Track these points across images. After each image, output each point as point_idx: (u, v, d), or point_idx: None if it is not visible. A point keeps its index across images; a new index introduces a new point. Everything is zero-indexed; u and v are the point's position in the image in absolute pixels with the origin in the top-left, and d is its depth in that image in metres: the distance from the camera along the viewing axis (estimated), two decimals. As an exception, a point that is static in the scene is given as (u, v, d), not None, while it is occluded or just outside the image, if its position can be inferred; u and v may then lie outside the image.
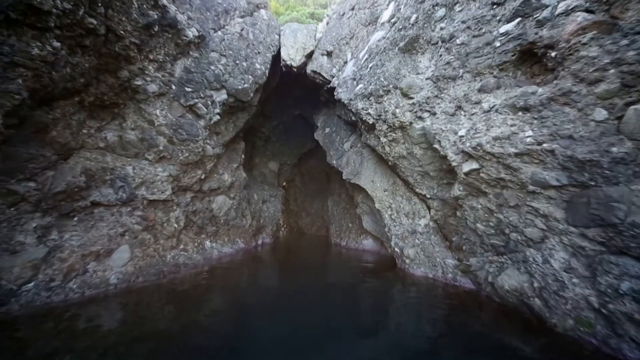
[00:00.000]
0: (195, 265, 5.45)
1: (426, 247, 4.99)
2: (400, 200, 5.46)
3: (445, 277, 4.49)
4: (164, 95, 5.08)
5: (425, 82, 4.04)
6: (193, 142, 5.44)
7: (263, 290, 4.55)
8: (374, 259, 6.56)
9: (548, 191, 2.76)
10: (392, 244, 5.46)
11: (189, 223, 6.03)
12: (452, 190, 4.20)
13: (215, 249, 6.47)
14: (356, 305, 3.95)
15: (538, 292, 2.95)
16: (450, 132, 3.78)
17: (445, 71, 3.73)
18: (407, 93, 4.16)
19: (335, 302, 3.98)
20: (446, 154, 3.92)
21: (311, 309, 3.65)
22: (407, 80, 4.12)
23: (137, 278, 4.33)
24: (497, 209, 3.45)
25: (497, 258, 3.62)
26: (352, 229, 8.04)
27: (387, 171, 5.78)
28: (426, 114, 4.11)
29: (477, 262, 3.97)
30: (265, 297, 4.15)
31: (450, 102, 3.74)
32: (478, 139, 3.22)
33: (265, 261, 6.67)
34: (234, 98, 6.07)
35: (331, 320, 3.29)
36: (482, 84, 3.30)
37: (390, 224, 5.54)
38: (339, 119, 7.32)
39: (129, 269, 4.27)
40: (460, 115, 3.64)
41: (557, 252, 2.81)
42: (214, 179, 6.53)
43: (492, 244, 3.75)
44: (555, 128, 2.60)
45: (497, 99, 3.15)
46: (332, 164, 7.16)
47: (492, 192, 3.42)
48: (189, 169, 5.64)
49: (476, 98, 3.38)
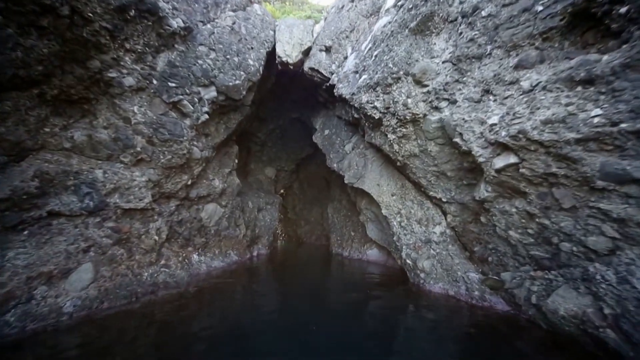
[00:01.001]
0: (178, 284, 4.58)
1: (443, 258, 4.19)
2: (410, 206, 4.69)
3: (470, 294, 3.68)
4: (143, 90, 4.34)
5: (442, 66, 3.35)
6: (177, 143, 4.68)
7: (256, 313, 3.69)
8: (380, 272, 5.72)
9: (627, 187, 2.02)
10: (402, 255, 4.65)
11: (173, 235, 5.19)
12: (476, 192, 3.45)
13: (203, 264, 5.60)
14: (365, 330, 3.11)
15: (612, 322, 2.17)
16: (475, 122, 3.07)
17: (468, 50, 3.04)
18: (421, 80, 3.46)
19: (341, 327, 3.16)
20: (470, 148, 3.19)
21: (313, 338, 2.82)
22: (421, 64, 3.43)
23: (102, 303, 3.47)
24: (541, 212, 2.69)
25: (541, 274, 2.83)
26: (355, 237, 7.23)
27: (395, 173, 5.03)
28: (444, 103, 3.40)
29: (512, 278, 3.17)
30: (259, 322, 3.30)
31: (476, 87, 3.03)
32: (519, 126, 2.50)
33: (260, 276, 5.80)
34: (224, 96, 5.35)
35: (337, 355, 2.47)
36: (519, 59, 2.60)
37: (400, 232, 4.75)
38: (339, 120, 6.62)
39: (91, 292, 3.42)
40: (489, 101, 2.92)
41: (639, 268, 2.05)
42: (203, 185, 5.74)
43: (532, 255, 2.97)
44: (637, 102, 1.89)
45: (542, 75, 2.44)
46: (332, 167, 6.41)
47: (536, 192, 2.67)
48: (172, 174, 4.85)
49: (511, 77, 2.67)
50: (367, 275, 5.54)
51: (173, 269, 4.78)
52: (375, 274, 5.55)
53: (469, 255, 4.18)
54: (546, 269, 2.80)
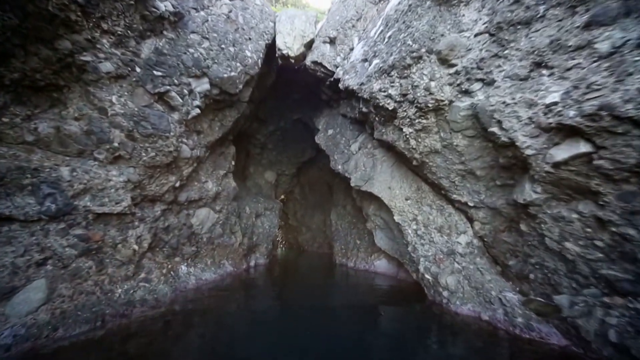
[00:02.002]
0: (159, 302, 3.81)
1: (471, 273, 3.42)
2: (428, 211, 3.95)
3: (511, 321, 2.89)
4: (124, 78, 3.69)
5: (474, 40, 2.68)
6: (162, 139, 4.00)
7: (251, 341, 2.93)
8: (391, 286, 4.93)
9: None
10: (420, 268, 3.88)
11: (158, 243, 4.45)
12: (517, 194, 2.72)
13: (192, 276, 4.84)
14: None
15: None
16: (521, 105, 2.37)
17: (512, 15, 2.37)
18: (447, 58, 2.79)
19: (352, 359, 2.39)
20: (512, 139, 2.49)
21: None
22: (448, 39, 2.75)
23: (54, 331, 2.71)
24: (621, 219, 1.97)
25: (622, 301, 2.08)
26: (361, 246, 6.45)
27: (409, 174, 4.31)
28: (476, 85, 2.71)
29: (572, 304, 2.41)
30: (254, 355, 2.53)
31: (522, 60, 2.34)
32: (599, 100, 1.80)
33: (257, 290, 5.02)
34: (218, 89, 4.70)
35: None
36: (591, 14, 1.93)
37: (416, 241, 4.00)
38: (344, 119, 5.95)
39: (40, 317, 2.67)
40: (542, 76, 2.23)
41: None
42: (194, 188, 5.03)
43: (601, 275, 2.22)
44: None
45: (629, 32, 1.77)
46: (336, 170, 5.70)
47: (616, 192, 1.95)
48: (157, 174, 4.16)
49: (579, 40, 1.99)
50: (376, 290, 4.75)
51: (154, 284, 4.02)
52: (385, 289, 4.77)
53: (501, 271, 3.42)
54: (628, 295, 2.05)
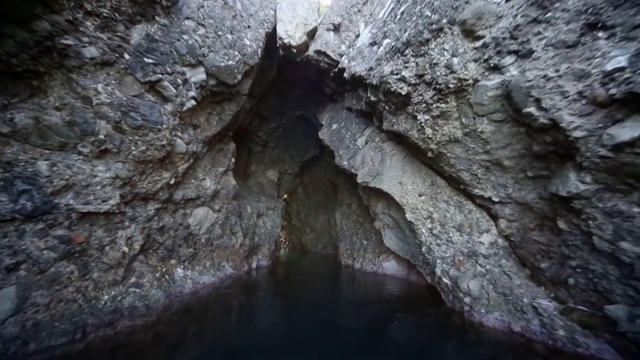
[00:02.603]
0: (150, 309, 3.42)
1: (497, 277, 2.99)
2: (445, 208, 3.52)
3: (550, 334, 2.45)
4: (111, 66, 3.33)
5: (505, 6, 2.26)
6: (153, 132, 3.63)
7: (251, 352, 2.52)
8: (401, 289, 4.50)
9: None
10: (436, 271, 3.45)
11: (152, 245, 4.08)
12: (560, 186, 2.29)
13: (189, 279, 4.46)
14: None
15: None
16: (568, 78, 1.95)
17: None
18: (474, 28, 2.38)
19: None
20: (555, 119, 2.06)
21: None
22: (474, 6, 2.34)
23: (25, 346, 2.33)
24: None
25: None
26: (368, 247, 6.02)
27: (422, 168, 3.89)
28: (509, 59, 2.30)
29: (631, 316, 1.98)
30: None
31: (571, 22, 1.93)
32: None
33: (258, 293, 4.62)
34: (215, 80, 4.33)
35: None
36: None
37: (431, 242, 3.57)
38: (349, 112, 5.55)
39: (8, 330, 2.29)
40: (597, 39, 1.81)
41: None
42: (191, 185, 4.66)
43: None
44: None
45: None
46: (342, 166, 5.29)
47: None
48: (149, 170, 3.79)
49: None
50: (386, 294, 4.33)
51: (146, 289, 3.64)
52: (396, 293, 4.34)
53: (530, 274, 2.97)
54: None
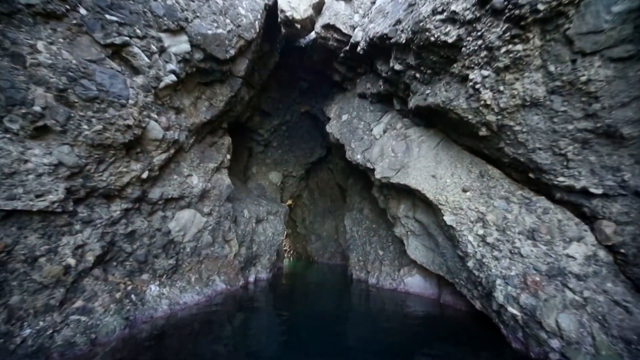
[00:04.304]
0: (97, 345, 2.36)
1: (605, 311, 1.88)
2: (504, 207, 2.46)
3: None
4: (59, 20, 2.46)
5: None
6: (114, 107, 2.70)
7: None
8: (432, 314, 3.35)
9: None
10: (497, 295, 2.34)
11: (116, 255, 3.08)
12: None
13: (165, 299, 3.41)
14: None
15: None
16: None
17: None
18: None
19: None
20: None
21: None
22: None
23: None
24: None
25: None
26: (385, 258, 4.90)
27: (465, 156, 2.86)
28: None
29: None
30: None
31: None
32: None
33: (253, 315, 3.50)
34: (202, 52, 3.45)
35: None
36: None
37: (484, 253, 2.49)
38: (362, 100, 4.60)
39: None
40: None
41: None
42: (173, 182, 3.69)
43: None
44: None
45: None
46: (354, 161, 4.29)
47: None
48: (110, 158, 2.83)
49: None
50: (412, 320, 3.18)
51: (97, 316, 2.60)
52: (425, 319, 3.19)
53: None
54: None
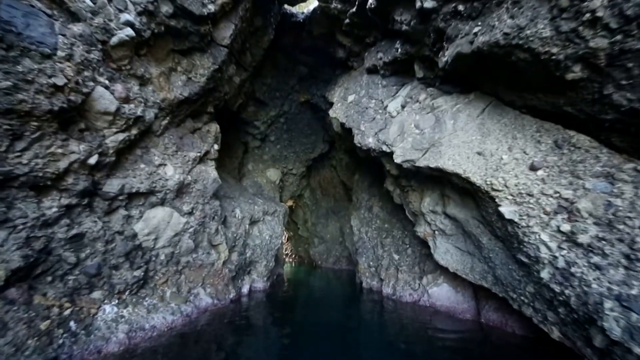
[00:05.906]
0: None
1: None
2: (606, 189, 1.56)
3: None
4: None
5: None
6: (32, 58, 1.86)
7: None
8: (480, 340, 2.40)
9: None
10: (609, 328, 1.45)
11: (52, 267, 2.20)
12: None
13: (123, 324, 2.51)
14: None
15: None
16: None
17: None
18: None
19: None
20: None
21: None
22: None
23: None
24: None
25: None
26: (402, 263, 3.99)
27: (527, 122, 1.97)
28: None
29: None
30: None
31: None
32: None
33: (243, 339, 2.59)
34: (171, 4, 2.63)
35: None
36: None
37: (573, 259, 1.59)
38: (372, 75, 3.75)
39: None
40: None
41: None
42: (138, 172, 2.83)
43: None
44: None
45: None
46: (365, 145, 3.42)
47: None
48: (32, 132, 1.98)
49: None
50: (443, 343, 2.27)
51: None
52: (461, 342, 2.27)
53: None
54: None
